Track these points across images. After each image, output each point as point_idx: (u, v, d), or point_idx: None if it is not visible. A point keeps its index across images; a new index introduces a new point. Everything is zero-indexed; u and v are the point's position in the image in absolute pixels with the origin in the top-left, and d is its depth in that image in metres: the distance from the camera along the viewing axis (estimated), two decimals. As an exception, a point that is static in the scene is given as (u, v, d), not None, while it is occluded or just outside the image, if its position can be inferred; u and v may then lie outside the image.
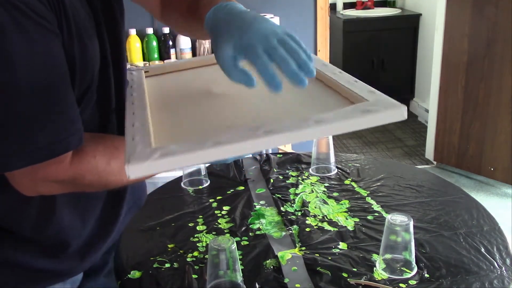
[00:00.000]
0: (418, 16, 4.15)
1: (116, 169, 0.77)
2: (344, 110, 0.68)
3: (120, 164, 0.76)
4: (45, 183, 0.74)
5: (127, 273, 1.04)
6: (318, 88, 0.82)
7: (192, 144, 0.64)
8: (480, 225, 1.18)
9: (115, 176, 0.78)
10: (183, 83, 0.96)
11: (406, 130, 4.05)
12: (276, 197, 1.34)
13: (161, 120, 0.78)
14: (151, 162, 0.63)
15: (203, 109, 0.81)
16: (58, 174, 0.73)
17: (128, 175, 0.61)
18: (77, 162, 0.74)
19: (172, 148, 0.64)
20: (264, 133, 0.64)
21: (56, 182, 0.74)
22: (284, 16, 2.63)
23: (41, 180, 0.73)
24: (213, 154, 0.63)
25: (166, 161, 0.63)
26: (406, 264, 1.00)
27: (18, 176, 0.73)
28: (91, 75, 0.79)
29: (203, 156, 0.63)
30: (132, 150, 0.66)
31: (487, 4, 2.86)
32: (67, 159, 0.73)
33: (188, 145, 0.64)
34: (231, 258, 0.95)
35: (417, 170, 1.63)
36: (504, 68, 2.83)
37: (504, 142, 2.93)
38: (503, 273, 0.99)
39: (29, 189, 0.75)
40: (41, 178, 0.73)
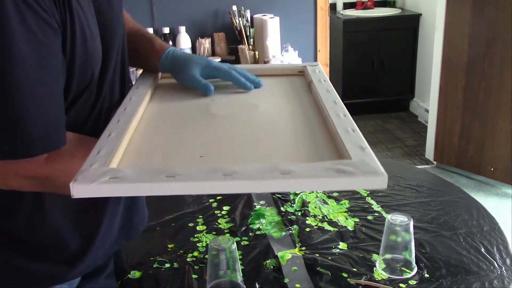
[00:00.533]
0: (418, 16, 4.15)
1: None
2: (319, 165, 0.64)
3: None
4: (16, 178, 0.72)
5: (127, 273, 1.04)
6: (316, 127, 0.79)
7: (145, 173, 0.62)
8: (480, 225, 1.18)
9: None
10: (188, 93, 0.94)
11: (406, 130, 4.05)
12: (276, 197, 1.34)
13: (141, 136, 0.76)
14: (97, 186, 0.60)
15: (188, 132, 0.79)
16: (31, 170, 0.71)
17: (72, 194, 0.60)
18: (53, 161, 0.71)
19: (124, 174, 0.61)
20: (223, 176, 0.61)
21: (27, 178, 0.72)
22: (284, 16, 2.63)
23: (12, 174, 0.71)
24: (163, 188, 0.62)
25: (112, 187, 0.61)
26: (406, 264, 1.00)
27: None
28: (91, 74, 0.78)
29: (152, 189, 0.61)
30: (87, 166, 0.63)
31: (487, 4, 2.86)
32: (43, 157, 0.70)
33: (140, 174, 0.62)
34: (231, 258, 0.95)
35: (417, 170, 1.63)
36: (504, 68, 2.83)
37: (504, 142, 2.93)
38: (503, 273, 0.99)
39: (0, 181, 0.72)
40: (12, 172, 0.71)
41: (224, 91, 0.93)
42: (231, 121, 0.82)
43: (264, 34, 2.50)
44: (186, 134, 0.78)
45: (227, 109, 0.86)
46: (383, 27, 4.15)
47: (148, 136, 0.76)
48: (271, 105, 0.87)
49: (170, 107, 0.89)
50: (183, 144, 0.75)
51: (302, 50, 2.62)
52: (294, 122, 0.81)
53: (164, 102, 0.91)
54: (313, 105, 0.87)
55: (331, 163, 0.64)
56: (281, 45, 2.51)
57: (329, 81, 0.94)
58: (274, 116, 0.83)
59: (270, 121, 0.81)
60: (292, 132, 0.77)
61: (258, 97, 0.90)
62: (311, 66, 1.02)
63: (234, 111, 0.85)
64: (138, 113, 0.81)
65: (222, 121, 0.81)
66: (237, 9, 2.55)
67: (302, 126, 0.79)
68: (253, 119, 0.82)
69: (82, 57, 0.74)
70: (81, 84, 0.77)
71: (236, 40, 2.58)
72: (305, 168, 0.63)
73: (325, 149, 0.72)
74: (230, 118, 0.83)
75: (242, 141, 0.75)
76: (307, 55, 2.72)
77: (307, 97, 0.91)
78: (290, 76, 1.02)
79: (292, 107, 0.87)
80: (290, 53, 2.19)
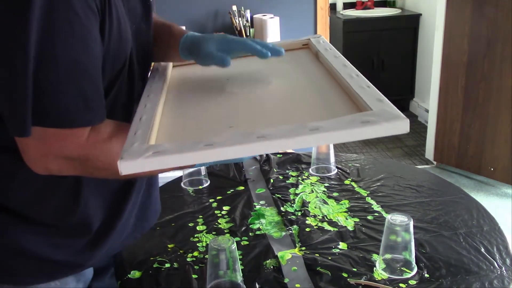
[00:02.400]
0: (418, 16, 4.15)
1: None
2: (344, 118, 0.68)
3: None
4: (57, 160, 0.74)
5: (127, 273, 1.04)
6: (332, 90, 0.82)
7: (185, 145, 0.66)
8: (480, 225, 1.18)
9: None
10: (202, 77, 0.98)
11: (406, 130, 4.05)
12: (276, 197, 1.34)
13: (169, 116, 0.80)
14: (143, 160, 0.64)
15: (211, 108, 0.82)
16: (73, 149, 0.73)
17: (120, 171, 0.63)
18: (93, 140, 0.74)
19: (166, 147, 0.66)
20: (257, 138, 0.65)
21: (68, 159, 0.74)
22: (284, 16, 2.63)
23: (53, 156, 0.73)
24: (204, 156, 0.65)
25: (158, 160, 0.65)
26: (406, 264, 1.00)
27: (32, 149, 0.73)
28: (124, 58, 0.81)
29: (194, 157, 0.65)
30: (128, 146, 0.67)
31: (487, 4, 2.86)
32: (84, 135, 0.74)
33: (181, 146, 0.66)
34: (231, 258, 0.95)
35: (417, 170, 1.63)
36: (504, 68, 2.83)
37: (504, 142, 2.92)
38: (503, 273, 0.99)
39: (39, 165, 0.74)
40: (54, 153, 0.73)
41: (238, 70, 0.95)
42: (249, 95, 0.85)
43: (264, 34, 2.50)
44: (210, 110, 0.82)
45: (244, 86, 0.89)
46: (383, 27, 4.15)
47: (176, 116, 0.80)
48: (285, 77, 0.90)
49: (189, 90, 0.93)
50: (210, 118, 0.78)
51: (302, 50, 2.62)
52: (310, 87, 0.85)
53: (182, 86, 0.95)
54: (325, 72, 0.90)
55: (355, 116, 0.68)
56: (281, 45, 2.52)
57: (335, 49, 0.97)
58: (291, 85, 0.87)
59: (288, 90, 0.85)
60: (310, 96, 0.81)
61: (270, 72, 0.92)
62: (314, 38, 1.05)
63: (251, 86, 0.88)
64: (161, 98, 0.85)
65: (240, 96, 0.85)
66: (237, 9, 2.55)
67: (319, 90, 0.83)
68: (271, 90, 0.85)
69: (116, 43, 0.77)
70: (115, 68, 0.80)
71: (236, 40, 2.58)
72: (331, 123, 0.67)
73: (345, 105, 0.76)
74: (248, 92, 0.86)
75: (265, 108, 0.79)
76: (307, 55, 2.72)
77: (317, 66, 0.94)
78: (295, 51, 1.05)
79: (305, 76, 0.91)
80: (290, 53, 2.20)
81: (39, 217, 0.83)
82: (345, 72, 0.84)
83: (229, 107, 0.82)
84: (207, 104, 0.84)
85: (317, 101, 0.80)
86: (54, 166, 0.75)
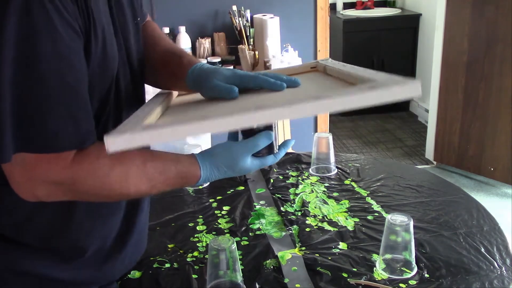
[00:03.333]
0: (418, 16, 4.15)
1: (119, 176, 0.74)
2: (351, 88, 0.65)
3: (125, 170, 0.74)
4: (44, 185, 0.72)
5: (127, 273, 1.04)
6: (335, 82, 0.83)
7: (178, 120, 0.64)
8: (480, 225, 1.18)
9: (119, 184, 0.75)
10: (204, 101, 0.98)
11: (406, 130, 4.05)
12: (276, 197, 1.34)
13: (168, 115, 0.79)
14: (131, 135, 0.62)
15: (216, 104, 0.81)
16: (58, 173, 0.71)
17: (107, 147, 0.62)
18: (79, 161, 0.72)
19: (157, 123, 0.64)
20: (254, 108, 0.63)
21: (55, 183, 0.72)
22: (284, 16, 2.63)
23: (40, 180, 0.71)
24: (198, 128, 0.62)
25: (150, 134, 0.62)
26: (406, 264, 1.00)
27: (17, 175, 0.71)
28: (111, 76, 0.80)
29: (187, 130, 0.62)
30: (119, 127, 0.65)
31: (487, 4, 2.86)
32: (69, 157, 0.71)
33: (174, 120, 0.63)
34: (231, 258, 0.95)
35: (417, 170, 1.63)
36: (504, 68, 2.83)
37: (504, 142, 2.93)
38: (503, 273, 0.99)
39: (27, 191, 0.73)
40: (40, 178, 0.71)
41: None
42: (257, 95, 0.83)
43: (264, 34, 2.50)
44: (214, 106, 0.80)
45: (252, 93, 0.86)
46: (383, 27, 4.16)
47: (175, 114, 0.79)
48: (295, 90, 0.88)
49: (193, 101, 0.91)
50: (212, 108, 0.78)
51: (302, 50, 2.62)
52: (319, 85, 0.86)
53: (185, 100, 0.94)
54: (335, 79, 0.90)
55: (363, 85, 0.67)
56: (281, 45, 2.51)
57: (342, 63, 0.96)
58: (300, 88, 0.85)
59: (296, 89, 0.84)
60: (319, 88, 0.82)
61: (281, 94, 0.89)
62: (323, 60, 1.05)
63: (259, 92, 0.85)
64: (160, 105, 0.84)
65: (247, 96, 0.83)
66: (237, 9, 2.55)
67: (329, 86, 0.83)
68: (280, 93, 0.83)
69: (102, 62, 0.76)
70: (102, 88, 0.78)
71: (236, 40, 2.58)
72: (337, 91, 0.65)
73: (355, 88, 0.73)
74: (255, 94, 0.84)
75: (272, 98, 0.78)
76: (307, 55, 2.72)
77: (326, 77, 0.93)
78: (304, 74, 1.03)
79: (315, 83, 0.91)
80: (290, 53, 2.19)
81: (30, 241, 0.82)
82: (354, 69, 0.83)
83: (234, 103, 0.80)
84: (211, 105, 0.83)
85: (325, 87, 0.80)
86: (42, 191, 0.73)
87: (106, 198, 0.80)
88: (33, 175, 0.71)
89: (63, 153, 0.70)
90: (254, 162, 0.84)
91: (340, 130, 4.04)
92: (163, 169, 0.77)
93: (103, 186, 0.74)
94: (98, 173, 0.73)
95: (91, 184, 0.73)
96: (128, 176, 0.75)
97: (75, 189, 0.74)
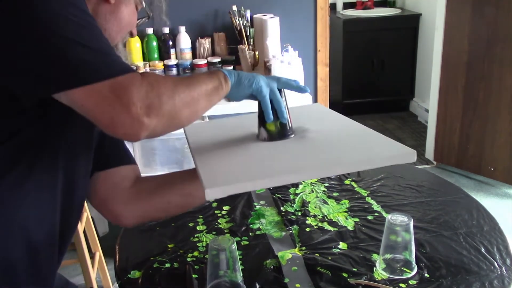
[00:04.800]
0: (418, 16, 4.15)
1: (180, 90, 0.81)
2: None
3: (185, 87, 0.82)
4: (135, 107, 0.73)
5: (127, 273, 1.04)
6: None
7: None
8: (480, 225, 1.18)
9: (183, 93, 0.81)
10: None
11: (406, 130, 4.04)
12: (276, 197, 1.34)
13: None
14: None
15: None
16: (139, 87, 0.74)
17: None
18: (145, 74, 0.77)
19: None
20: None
21: (141, 99, 0.74)
22: (284, 16, 2.63)
23: (135, 98, 0.73)
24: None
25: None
26: (406, 264, 1.00)
27: (116, 116, 0.72)
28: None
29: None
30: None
31: (487, 4, 2.86)
32: (138, 75, 0.76)
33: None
34: (231, 258, 0.95)
35: (417, 170, 1.63)
36: (504, 68, 2.83)
37: (504, 142, 2.92)
38: (503, 273, 0.99)
39: (133, 126, 0.74)
40: (133, 96, 0.73)
41: None
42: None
43: (264, 34, 2.49)
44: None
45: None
46: (383, 27, 4.15)
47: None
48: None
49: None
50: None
51: (302, 50, 2.61)
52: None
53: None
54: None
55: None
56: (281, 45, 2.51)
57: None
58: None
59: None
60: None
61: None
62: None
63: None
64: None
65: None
66: (237, 9, 2.55)
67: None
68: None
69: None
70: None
71: (236, 40, 2.58)
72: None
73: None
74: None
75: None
76: (307, 55, 2.72)
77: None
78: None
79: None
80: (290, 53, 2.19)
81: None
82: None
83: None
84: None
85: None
86: (141, 112, 0.74)
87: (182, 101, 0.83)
88: (126, 95, 0.73)
89: (134, 73, 0.76)
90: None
91: (340, 130, 4.03)
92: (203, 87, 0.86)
93: (174, 88, 0.80)
94: (163, 78, 0.80)
95: (164, 83, 0.78)
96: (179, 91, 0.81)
97: (156, 92, 0.76)
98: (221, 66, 2.50)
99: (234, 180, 0.81)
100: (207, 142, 1.02)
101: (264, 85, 0.97)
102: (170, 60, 2.51)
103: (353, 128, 1.05)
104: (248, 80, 0.94)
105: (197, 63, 2.48)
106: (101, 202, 1.02)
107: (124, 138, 0.78)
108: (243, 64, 2.49)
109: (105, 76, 0.73)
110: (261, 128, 1.02)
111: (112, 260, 1.15)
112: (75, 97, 0.74)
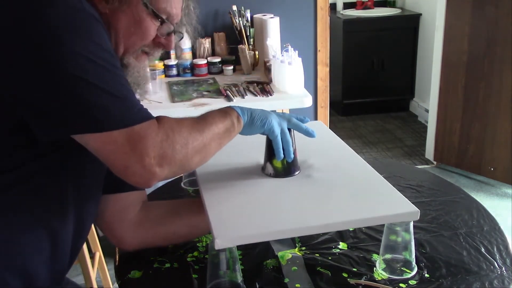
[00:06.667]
0: (418, 16, 4.15)
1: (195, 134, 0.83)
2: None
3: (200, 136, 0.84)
4: (148, 158, 0.74)
5: (127, 273, 1.04)
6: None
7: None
8: (480, 225, 1.18)
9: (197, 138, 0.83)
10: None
11: (406, 130, 4.05)
12: (276, 197, 1.34)
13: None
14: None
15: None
16: (155, 138, 0.75)
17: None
18: (161, 121, 0.79)
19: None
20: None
21: (156, 150, 0.75)
22: (284, 16, 2.63)
23: (149, 147, 0.74)
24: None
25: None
26: (406, 264, 1.00)
27: (130, 165, 0.74)
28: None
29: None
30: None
31: (487, 4, 2.86)
32: (155, 124, 0.77)
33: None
34: (231, 258, 0.95)
35: (417, 170, 1.63)
36: (504, 68, 2.83)
37: (504, 142, 2.93)
38: (503, 273, 0.99)
39: (145, 176, 0.76)
40: (148, 144, 0.74)
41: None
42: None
43: (264, 34, 2.49)
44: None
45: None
46: (383, 27, 4.15)
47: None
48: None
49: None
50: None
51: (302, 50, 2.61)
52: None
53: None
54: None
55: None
56: (281, 45, 2.51)
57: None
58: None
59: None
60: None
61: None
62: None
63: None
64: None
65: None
66: (237, 9, 2.55)
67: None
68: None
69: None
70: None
71: (236, 40, 2.58)
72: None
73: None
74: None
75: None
76: (307, 55, 2.72)
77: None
78: None
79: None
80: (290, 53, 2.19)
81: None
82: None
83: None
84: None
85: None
86: (153, 163, 0.75)
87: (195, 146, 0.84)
88: (141, 146, 0.74)
89: (150, 120, 0.77)
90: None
91: (340, 130, 4.04)
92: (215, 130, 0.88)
93: (190, 133, 0.82)
94: (179, 122, 0.81)
95: (179, 131, 0.80)
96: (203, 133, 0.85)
97: (171, 140, 0.78)
98: (221, 66, 2.50)
99: (244, 232, 0.88)
100: (214, 173, 1.08)
101: (276, 125, 0.99)
102: (170, 60, 2.51)
103: (356, 167, 1.12)
104: (261, 120, 0.97)
105: (197, 63, 2.48)
106: (107, 225, 1.05)
107: (135, 185, 0.79)
108: (243, 64, 2.49)
109: (123, 125, 0.73)
110: (267, 163, 1.07)
111: (112, 260, 1.15)
112: (90, 140, 0.74)
